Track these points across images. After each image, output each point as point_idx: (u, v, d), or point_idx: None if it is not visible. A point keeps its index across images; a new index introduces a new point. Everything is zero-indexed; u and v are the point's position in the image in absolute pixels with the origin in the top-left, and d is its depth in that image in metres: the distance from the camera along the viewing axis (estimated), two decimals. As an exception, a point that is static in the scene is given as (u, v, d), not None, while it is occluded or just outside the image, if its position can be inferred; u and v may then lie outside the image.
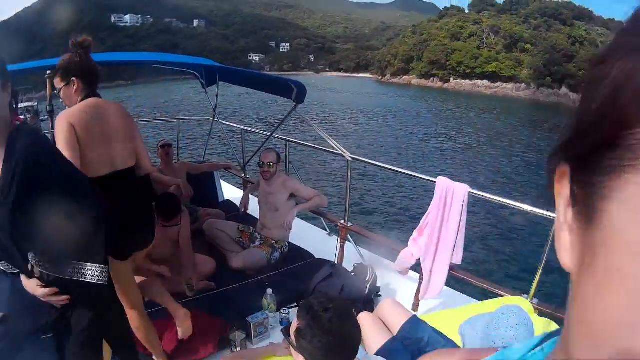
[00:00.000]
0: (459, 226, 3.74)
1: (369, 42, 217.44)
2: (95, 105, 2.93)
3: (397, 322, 3.05)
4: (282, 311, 3.80)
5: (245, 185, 6.59)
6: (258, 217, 5.19)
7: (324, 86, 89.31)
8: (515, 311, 2.74)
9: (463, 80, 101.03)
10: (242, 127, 7.06)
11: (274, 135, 5.93)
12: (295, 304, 3.99)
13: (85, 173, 2.58)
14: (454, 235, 3.76)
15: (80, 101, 2.92)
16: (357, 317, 2.83)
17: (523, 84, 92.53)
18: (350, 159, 4.56)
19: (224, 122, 7.43)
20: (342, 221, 4.65)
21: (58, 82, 2.97)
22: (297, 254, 4.89)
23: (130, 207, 2.91)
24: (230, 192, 7.25)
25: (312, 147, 5.89)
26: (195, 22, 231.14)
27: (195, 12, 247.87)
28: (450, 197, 3.71)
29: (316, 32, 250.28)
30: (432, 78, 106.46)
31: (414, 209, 13.75)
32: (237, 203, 6.36)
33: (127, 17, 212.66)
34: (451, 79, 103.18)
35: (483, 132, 36.72)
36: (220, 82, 6.67)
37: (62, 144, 2.67)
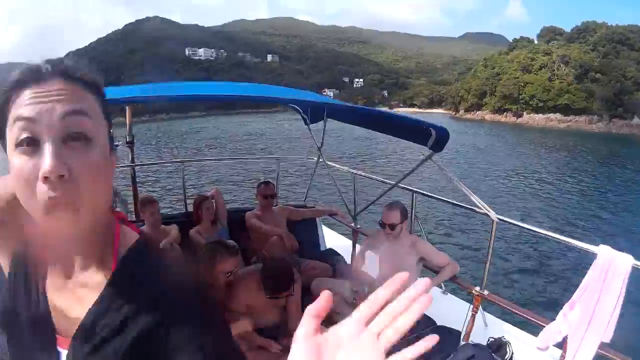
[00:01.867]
0: (617, 301, 3.25)
1: (441, 77, 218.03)
2: None
3: None
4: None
5: (355, 236, 5.93)
6: (370, 274, 4.64)
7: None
8: None
9: (536, 115, 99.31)
10: (355, 172, 6.25)
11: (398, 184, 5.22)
12: None
13: None
14: (610, 311, 3.27)
15: None
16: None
17: (595, 116, 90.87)
18: (496, 219, 3.98)
19: (332, 163, 6.74)
20: (478, 288, 4.11)
21: None
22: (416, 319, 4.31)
23: None
24: (333, 240, 6.72)
25: (446, 201, 5.16)
26: (269, 57, 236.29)
27: (268, 47, 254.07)
28: (613, 270, 3.23)
29: (389, 67, 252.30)
30: (505, 113, 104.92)
31: (559, 279, 12.38)
32: (341, 252, 5.95)
33: (201, 51, 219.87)
34: (524, 113, 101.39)
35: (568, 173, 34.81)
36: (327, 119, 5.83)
37: None
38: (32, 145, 0.82)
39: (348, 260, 5.64)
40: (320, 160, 6.47)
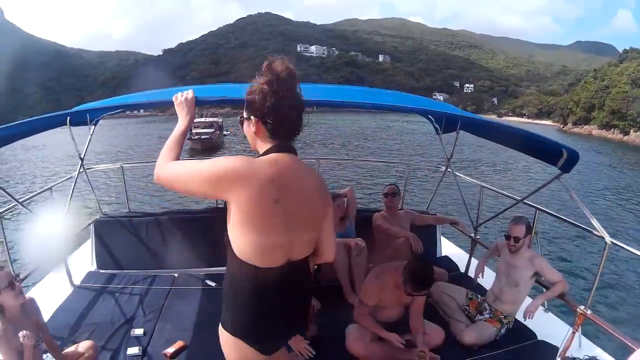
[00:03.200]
0: None
1: (551, 87, 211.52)
2: (283, 167, 1.96)
3: None
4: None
5: (472, 246, 6.06)
6: (484, 285, 5.01)
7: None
8: None
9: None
10: (482, 184, 6.25)
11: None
12: None
13: (251, 261, 1.95)
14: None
15: (263, 153, 2.02)
16: None
17: None
18: (610, 242, 3.99)
19: (460, 174, 6.76)
20: (582, 307, 4.10)
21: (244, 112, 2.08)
22: (519, 331, 4.47)
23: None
24: (449, 248, 6.90)
25: (566, 221, 5.00)
26: (381, 57, 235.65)
27: (380, 48, 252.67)
28: None
29: (499, 74, 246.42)
30: (612, 129, 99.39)
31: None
32: (456, 261, 6.21)
33: (313, 48, 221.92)
34: (631, 131, 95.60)
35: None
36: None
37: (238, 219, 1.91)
38: None
39: (462, 268, 5.96)
40: (449, 170, 6.66)
